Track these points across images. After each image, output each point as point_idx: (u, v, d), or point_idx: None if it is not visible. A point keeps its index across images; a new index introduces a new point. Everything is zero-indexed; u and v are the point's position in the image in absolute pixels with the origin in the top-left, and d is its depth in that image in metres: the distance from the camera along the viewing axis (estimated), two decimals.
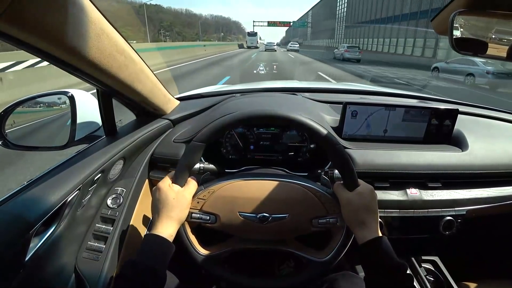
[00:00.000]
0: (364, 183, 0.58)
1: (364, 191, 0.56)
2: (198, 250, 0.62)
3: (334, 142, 0.59)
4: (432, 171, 0.76)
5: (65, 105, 0.73)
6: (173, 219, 0.55)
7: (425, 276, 0.82)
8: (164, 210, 0.55)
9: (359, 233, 0.53)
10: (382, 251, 0.50)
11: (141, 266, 0.48)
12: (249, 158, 0.86)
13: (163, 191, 0.55)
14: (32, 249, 0.49)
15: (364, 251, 0.52)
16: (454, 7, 0.51)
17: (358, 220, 0.54)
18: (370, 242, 0.51)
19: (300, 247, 0.64)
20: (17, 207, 0.50)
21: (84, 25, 0.45)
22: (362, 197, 0.55)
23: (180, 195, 0.56)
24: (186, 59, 13.87)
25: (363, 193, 0.55)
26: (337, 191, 0.58)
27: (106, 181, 0.70)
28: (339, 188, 0.58)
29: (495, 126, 0.95)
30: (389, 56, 21.67)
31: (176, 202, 0.55)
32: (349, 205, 0.55)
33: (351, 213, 0.55)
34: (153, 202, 0.57)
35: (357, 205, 0.55)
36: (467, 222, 0.78)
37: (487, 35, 0.56)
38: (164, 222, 0.54)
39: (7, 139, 0.66)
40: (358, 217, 0.54)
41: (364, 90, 1.26)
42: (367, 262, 0.52)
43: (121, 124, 0.81)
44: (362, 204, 0.54)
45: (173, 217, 0.55)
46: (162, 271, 0.49)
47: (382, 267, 0.49)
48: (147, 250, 0.51)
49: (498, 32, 0.55)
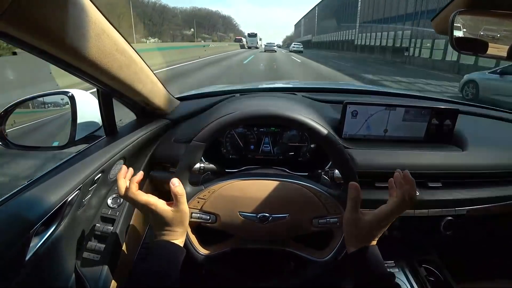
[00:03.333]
0: (378, 212, 0.52)
1: (375, 220, 0.52)
2: (198, 250, 0.62)
3: (334, 142, 0.59)
4: (432, 171, 0.76)
5: (65, 104, 0.73)
6: (177, 233, 0.56)
7: (425, 276, 0.82)
8: (166, 231, 0.55)
9: (351, 243, 0.53)
10: (371, 260, 0.50)
11: (155, 272, 0.49)
12: (249, 158, 0.86)
13: (159, 215, 0.54)
14: (32, 249, 0.49)
15: (353, 259, 0.52)
16: (454, 7, 0.51)
17: (358, 237, 0.53)
18: (360, 250, 0.51)
19: (300, 247, 0.64)
20: (17, 207, 0.50)
21: (85, 25, 0.45)
22: (371, 226, 0.52)
23: (177, 215, 0.55)
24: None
25: (372, 223, 0.52)
26: (352, 216, 0.53)
27: (107, 181, 0.70)
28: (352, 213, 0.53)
29: (496, 126, 0.94)
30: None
31: (176, 221, 0.55)
32: (355, 227, 0.53)
33: (353, 231, 0.53)
34: (153, 222, 0.56)
35: (363, 229, 0.52)
36: (467, 222, 0.78)
37: (487, 34, 0.56)
38: (171, 235, 0.55)
39: (8, 139, 0.66)
40: (358, 236, 0.53)
41: (364, 90, 1.26)
42: (355, 270, 0.52)
43: (121, 124, 0.81)
44: (368, 231, 0.52)
45: (177, 232, 0.56)
46: (175, 277, 0.51)
47: (370, 276, 0.49)
48: (159, 255, 0.52)
49: (498, 31, 0.55)
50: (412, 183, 0.50)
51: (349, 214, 0.52)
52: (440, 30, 0.57)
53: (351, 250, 0.52)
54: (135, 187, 0.55)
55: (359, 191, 0.52)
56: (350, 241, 0.53)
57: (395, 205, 0.50)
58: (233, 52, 26.23)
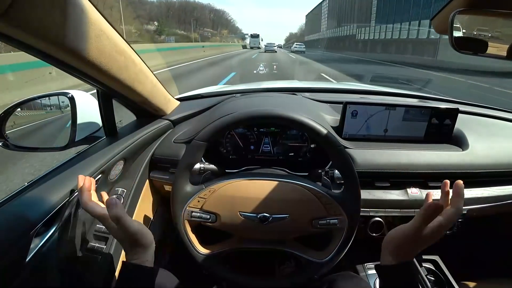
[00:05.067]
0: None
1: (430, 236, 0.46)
2: (198, 249, 0.62)
3: (334, 142, 0.59)
4: (432, 171, 0.76)
5: (65, 106, 0.73)
6: (144, 254, 0.50)
7: (426, 276, 0.82)
8: (131, 251, 0.50)
9: (389, 257, 0.48)
10: (412, 275, 0.47)
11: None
12: (250, 158, 0.86)
13: (114, 233, 0.50)
14: (33, 250, 0.49)
15: (388, 274, 0.48)
16: (454, 6, 0.51)
17: (405, 250, 0.47)
18: (403, 264, 0.46)
19: (300, 248, 0.64)
20: (18, 208, 0.50)
21: (84, 26, 0.45)
22: (425, 241, 0.46)
23: (132, 237, 0.49)
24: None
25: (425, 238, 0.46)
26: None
27: (107, 181, 0.70)
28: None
29: (496, 125, 0.94)
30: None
31: (136, 242, 0.49)
32: (413, 241, 0.47)
33: (407, 244, 0.47)
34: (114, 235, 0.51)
35: (418, 244, 0.47)
36: (467, 222, 0.78)
37: (487, 34, 0.56)
38: (138, 256, 0.50)
39: (8, 140, 0.66)
40: (406, 249, 0.47)
41: (364, 90, 1.26)
42: (393, 284, 0.47)
43: (121, 124, 0.81)
44: (420, 245, 0.47)
45: (143, 252, 0.50)
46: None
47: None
48: (127, 281, 0.48)
49: (498, 31, 0.55)
50: (463, 196, 0.47)
51: (413, 228, 0.46)
52: (440, 30, 0.57)
53: (390, 262, 0.47)
54: (87, 196, 0.50)
55: (437, 211, 0.45)
56: (394, 253, 0.48)
57: (453, 216, 0.46)
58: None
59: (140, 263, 0.49)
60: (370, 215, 0.75)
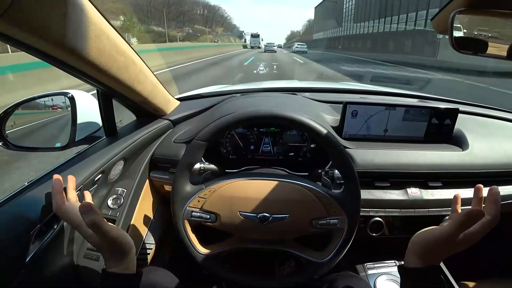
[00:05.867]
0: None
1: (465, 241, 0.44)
2: (198, 249, 0.62)
3: (334, 142, 0.59)
4: (432, 171, 0.76)
5: (66, 106, 0.73)
6: (119, 258, 0.47)
7: None
8: (110, 258, 0.47)
9: (415, 259, 0.46)
10: (439, 279, 0.44)
11: None
12: (250, 158, 0.86)
13: (92, 240, 0.46)
14: (33, 250, 0.49)
15: (413, 276, 0.45)
16: (454, 6, 0.51)
17: (434, 254, 0.45)
18: (429, 268, 0.44)
19: (300, 248, 0.64)
20: (18, 208, 0.50)
21: (84, 26, 0.45)
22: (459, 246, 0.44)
23: (108, 245, 0.46)
24: None
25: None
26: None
27: (107, 181, 0.70)
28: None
29: (496, 126, 0.94)
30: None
31: (114, 249, 0.46)
32: (447, 245, 0.44)
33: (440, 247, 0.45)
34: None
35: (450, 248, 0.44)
36: None
37: (487, 34, 0.56)
38: (115, 261, 0.47)
39: (8, 140, 0.66)
40: (436, 253, 0.45)
41: (364, 90, 1.26)
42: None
43: (121, 124, 0.81)
44: (451, 250, 0.45)
45: (119, 257, 0.47)
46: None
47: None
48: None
49: (498, 31, 0.55)
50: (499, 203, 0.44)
51: (446, 232, 0.43)
52: (441, 30, 0.57)
53: (415, 265, 0.45)
54: (59, 199, 0.47)
55: (478, 219, 0.42)
56: (422, 256, 0.45)
57: (490, 225, 0.44)
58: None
59: (121, 271, 0.46)
60: (370, 215, 0.75)
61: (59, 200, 0.48)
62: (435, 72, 10.37)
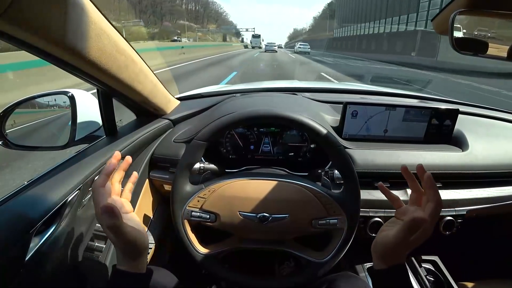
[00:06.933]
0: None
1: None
2: (197, 249, 0.62)
3: (334, 142, 0.59)
4: (432, 171, 0.76)
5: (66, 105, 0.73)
6: (133, 257, 0.48)
7: (425, 276, 0.82)
8: (121, 251, 0.47)
9: (378, 262, 0.48)
10: (404, 278, 0.46)
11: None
12: (250, 158, 0.86)
13: (111, 235, 0.45)
14: (33, 249, 0.49)
15: (380, 277, 0.47)
16: (454, 7, 0.51)
17: (394, 254, 0.47)
18: (394, 267, 0.46)
19: (300, 248, 0.64)
20: (17, 207, 0.50)
21: (85, 25, 0.45)
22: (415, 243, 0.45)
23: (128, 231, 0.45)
24: None
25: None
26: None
27: None
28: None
29: (496, 126, 0.94)
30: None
31: (129, 242, 0.46)
32: (403, 245, 0.45)
33: (395, 248, 0.46)
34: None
35: (405, 247, 0.46)
36: (467, 222, 0.78)
37: (487, 35, 0.56)
38: (128, 260, 0.47)
39: (8, 139, 0.66)
40: (394, 253, 0.47)
41: (364, 90, 1.26)
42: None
43: (121, 124, 0.81)
44: (408, 248, 0.46)
45: (132, 256, 0.48)
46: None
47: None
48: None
49: (498, 32, 0.55)
50: (436, 187, 0.45)
51: (396, 238, 0.44)
52: (441, 31, 0.57)
53: (380, 266, 0.47)
54: (101, 180, 0.47)
55: (423, 224, 0.42)
56: (383, 258, 0.47)
57: (435, 211, 0.44)
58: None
59: (131, 269, 0.47)
60: (370, 215, 0.75)
61: (100, 180, 0.47)
62: (437, 73, 10.32)
